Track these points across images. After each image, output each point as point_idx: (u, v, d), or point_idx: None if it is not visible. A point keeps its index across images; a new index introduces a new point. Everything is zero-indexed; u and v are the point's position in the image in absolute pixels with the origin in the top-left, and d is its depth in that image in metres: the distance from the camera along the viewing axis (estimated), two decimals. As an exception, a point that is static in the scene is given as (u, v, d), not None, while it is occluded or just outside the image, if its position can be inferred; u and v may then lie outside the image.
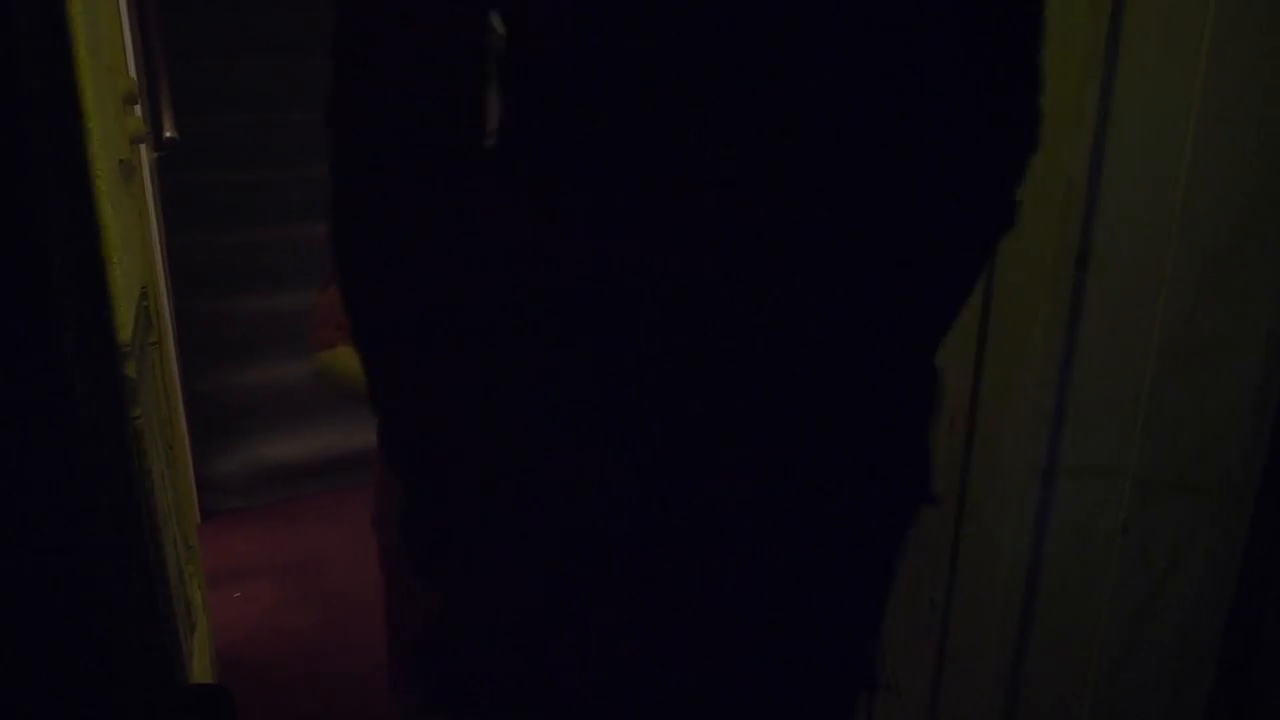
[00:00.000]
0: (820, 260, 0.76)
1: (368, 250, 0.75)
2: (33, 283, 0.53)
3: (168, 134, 2.86)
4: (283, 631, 2.55)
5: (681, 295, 0.73)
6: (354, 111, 0.72)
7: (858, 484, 0.83)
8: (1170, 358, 0.96)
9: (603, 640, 0.83)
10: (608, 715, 0.88)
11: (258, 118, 4.17)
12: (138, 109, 2.69)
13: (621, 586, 0.81)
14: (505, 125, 0.77)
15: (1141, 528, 0.99)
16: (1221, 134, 0.92)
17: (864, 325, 0.79)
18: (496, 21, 0.72)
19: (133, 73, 2.48)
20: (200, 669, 1.96)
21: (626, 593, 0.81)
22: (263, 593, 2.75)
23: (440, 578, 0.88)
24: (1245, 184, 0.93)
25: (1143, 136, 0.95)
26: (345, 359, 1.30)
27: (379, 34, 0.69)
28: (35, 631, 0.65)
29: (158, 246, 2.59)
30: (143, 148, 2.69)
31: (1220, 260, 0.94)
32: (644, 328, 0.74)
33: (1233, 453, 0.96)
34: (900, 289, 0.80)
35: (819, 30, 0.70)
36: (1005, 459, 1.15)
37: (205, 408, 3.41)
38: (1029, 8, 0.76)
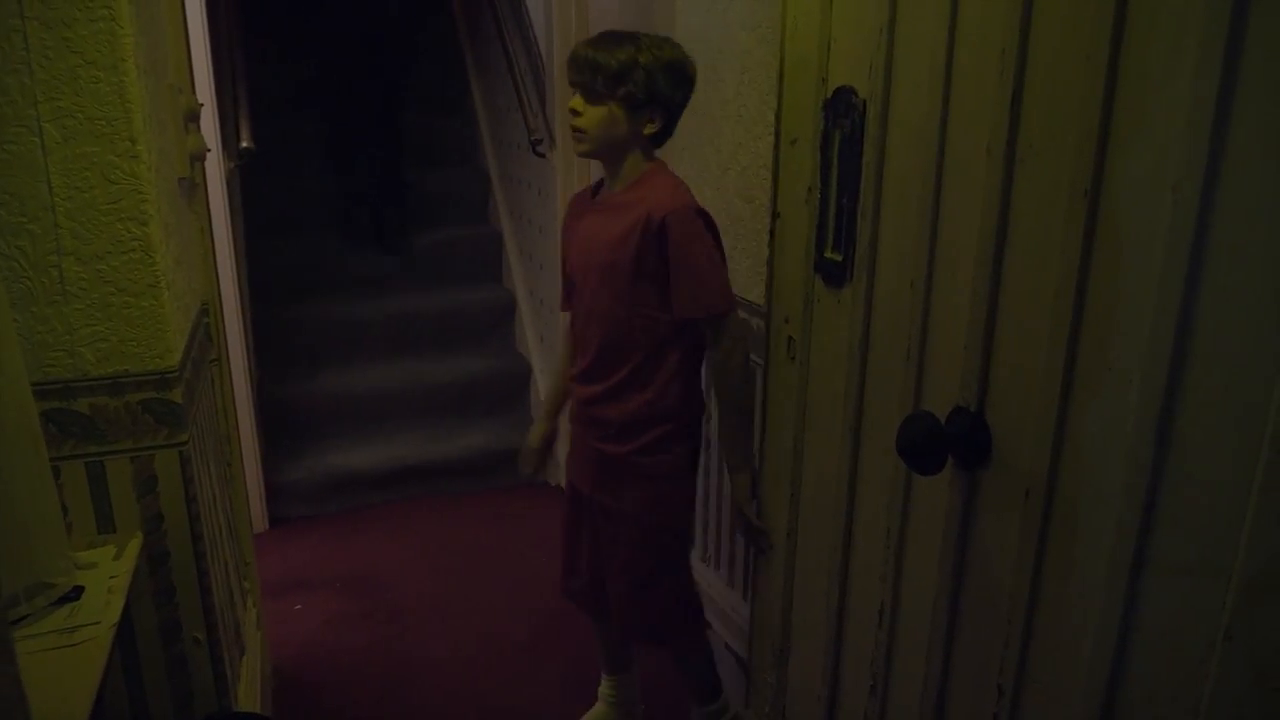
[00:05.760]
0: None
1: None
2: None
3: (244, 144, 2.88)
4: (340, 650, 2.53)
5: None
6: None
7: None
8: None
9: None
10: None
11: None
12: (215, 124, 2.71)
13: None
14: None
15: (1246, 635, 0.86)
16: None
17: None
18: None
19: (208, 84, 2.49)
20: (247, 693, 1.94)
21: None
22: (323, 605, 2.75)
23: None
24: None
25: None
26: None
27: None
28: None
29: (228, 259, 2.60)
30: (220, 157, 2.71)
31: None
32: None
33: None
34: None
35: None
36: (1088, 546, 1.02)
37: (279, 414, 3.43)
38: None
